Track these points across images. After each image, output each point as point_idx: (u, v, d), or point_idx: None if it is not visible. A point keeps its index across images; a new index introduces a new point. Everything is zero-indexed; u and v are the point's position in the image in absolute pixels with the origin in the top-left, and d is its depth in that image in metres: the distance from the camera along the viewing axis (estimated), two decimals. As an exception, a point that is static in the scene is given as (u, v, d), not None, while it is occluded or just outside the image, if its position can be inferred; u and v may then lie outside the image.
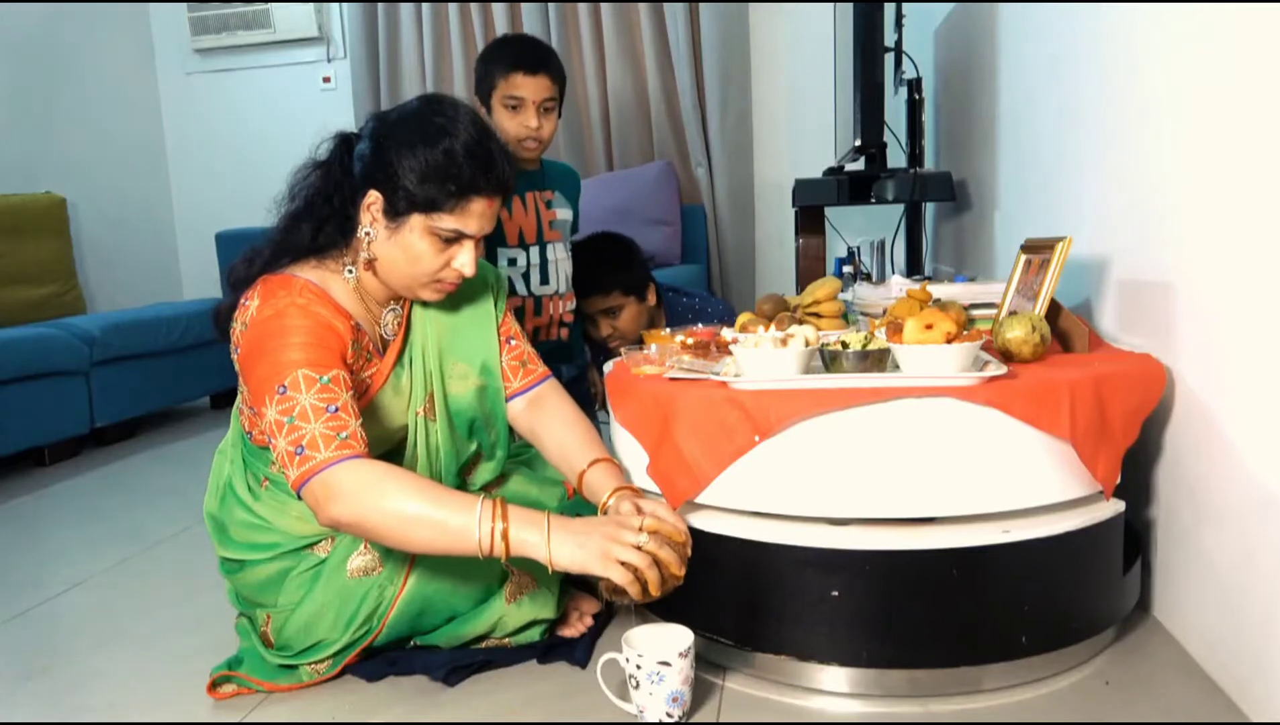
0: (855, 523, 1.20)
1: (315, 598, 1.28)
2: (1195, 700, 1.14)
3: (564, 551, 1.09)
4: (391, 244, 1.25)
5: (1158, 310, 1.32)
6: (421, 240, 1.24)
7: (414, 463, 1.36)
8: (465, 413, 1.40)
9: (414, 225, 1.23)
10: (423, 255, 1.24)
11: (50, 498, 2.45)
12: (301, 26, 4.05)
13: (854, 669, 1.18)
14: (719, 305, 2.37)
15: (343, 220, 1.27)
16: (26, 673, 1.41)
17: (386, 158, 1.22)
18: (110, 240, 4.07)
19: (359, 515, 1.11)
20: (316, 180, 1.29)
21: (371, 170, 1.24)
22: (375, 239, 1.26)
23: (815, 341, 1.25)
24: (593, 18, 3.67)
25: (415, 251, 1.24)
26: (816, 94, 3.44)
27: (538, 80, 1.84)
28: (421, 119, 1.24)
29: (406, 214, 1.22)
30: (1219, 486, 1.18)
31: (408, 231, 1.23)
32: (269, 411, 1.15)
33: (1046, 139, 1.84)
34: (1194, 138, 1.20)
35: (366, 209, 1.25)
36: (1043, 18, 1.83)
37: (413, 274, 1.26)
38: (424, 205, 1.21)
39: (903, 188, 2.40)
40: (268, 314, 1.20)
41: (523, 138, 1.86)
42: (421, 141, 1.21)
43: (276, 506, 1.32)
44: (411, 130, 1.23)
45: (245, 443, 1.37)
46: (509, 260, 1.90)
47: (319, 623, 1.28)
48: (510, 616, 1.31)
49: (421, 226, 1.23)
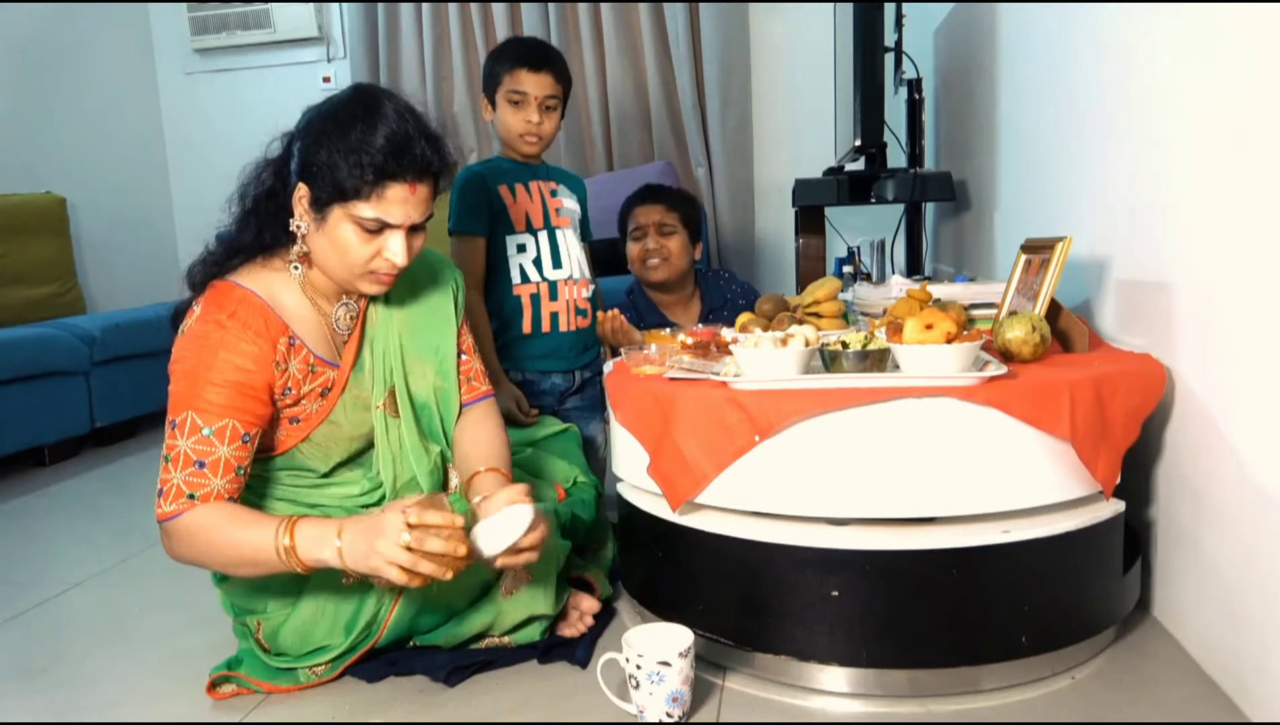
0: (855, 523, 1.20)
1: (305, 605, 1.28)
2: (1195, 700, 1.14)
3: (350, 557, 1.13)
4: (321, 236, 1.24)
5: (1158, 310, 1.32)
6: (346, 231, 1.22)
7: (383, 462, 1.36)
8: (427, 409, 1.40)
9: (337, 216, 1.22)
10: (350, 246, 1.23)
11: (50, 498, 2.45)
12: (301, 26, 4.05)
13: (854, 669, 1.18)
14: (745, 283, 2.47)
15: (287, 217, 1.27)
16: (26, 673, 1.41)
17: (309, 150, 1.22)
18: (110, 240, 4.07)
19: (194, 557, 1.21)
20: (266, 178, 1.29)
21: (300, 164, 1.24)
22: (307, 232, 1.25)
23: (815, 341, 1.26)
24: (593, 18, 3.67)
25: (342, 243, 1.23)
26: (816, 94, 3.44)
27: (541, 77, 1.88)
28: (340, 110, 1.24)
29: (329, 205, 1.22)
30: (1219, 486, 1.18)
31: (333, 223, 1.22)
32: (166, 440, 1.21)
33: (1046, 139, 1.84)
34: (1194, 137, 1.20)
35: (298, 202, 1.25)
36: (1043, 18, 1.83)
37: (345, 265, 1.25)
38: (341, 195, 1.20)
39: (903, 188, 2.40)
40: (197, 332, 1.23)
41: (524, 133, 1.90)
42: (336, 131, 1.21)
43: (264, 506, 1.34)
44: (329, 121, 1.23)
45: None
46: (518, 246, 1.91)
47: (314, 629, 1.28)
48: (508, 612, 1.30)
49: (343, 216, 1.22)
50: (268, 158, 1.30)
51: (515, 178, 1.93)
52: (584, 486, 1.60)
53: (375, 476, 1.38)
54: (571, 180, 2.09)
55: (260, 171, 1.30)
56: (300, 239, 1.26)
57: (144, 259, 4.28)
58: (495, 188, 1.89)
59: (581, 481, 1.61)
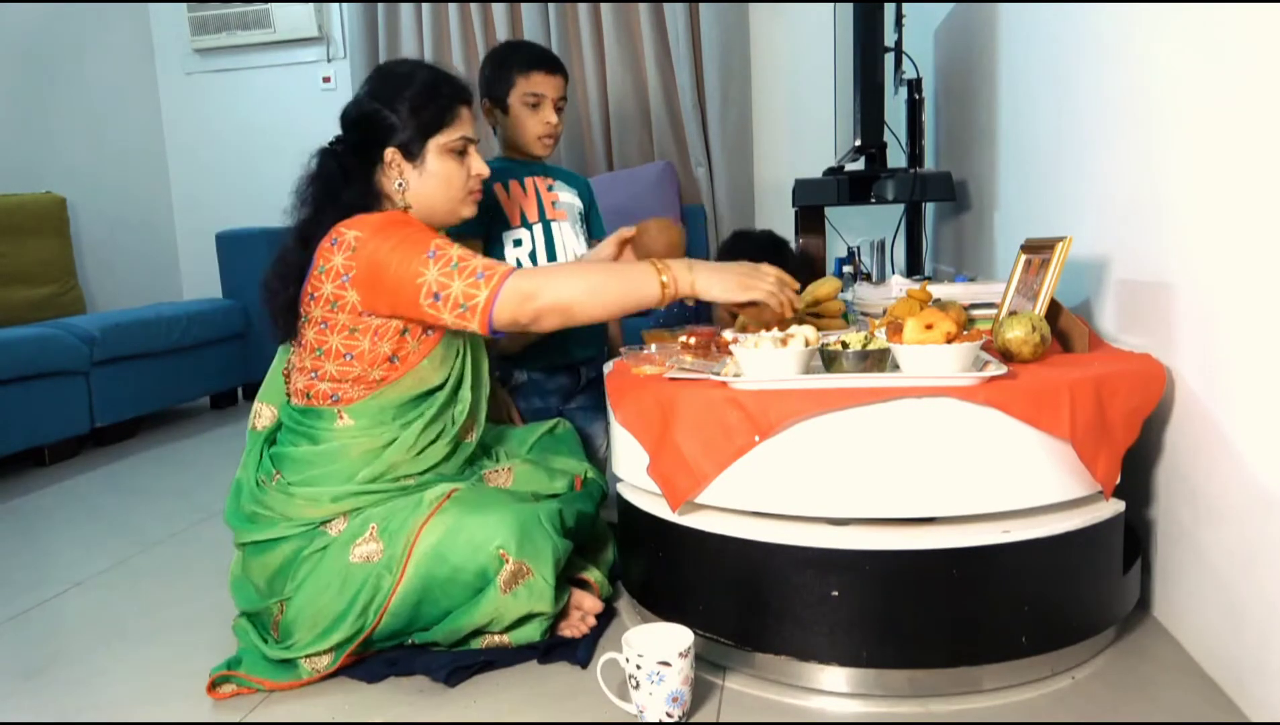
0: (855, 523, 1.20)
1: (320, 576, 1.31)
2: (1195, 700, 1.15)
3: (707, 282, 1.35)
4: (424, 180, 1.45)
5: (1158, 310, 1.32)
6: (444, 162, 1.45)
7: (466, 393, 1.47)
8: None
9: (432, 152, 1.44)
10: (451, 173, 1.46)
11: (50, 498, 2.45)
12: (301, 26, 4.05)
13: (854, 669, 1.18)
14: None
15: (360, 196, 1.42)
16: (26, 673, 1.41)
17: (382, 118, 1.43)
18: (110, 240, 4.07)
19: (557, 295, 1.31)
20: (319, 181, 1.44)
21: (375, 137, 1.44)
22: (408, 185, 1.45)
23: (815, 341, 1.26)
24: (593, 18, 3.67)
25: (444, 173, 1.46)
26: (816, 94, 3.44)
27: (555, 79, 1.93)
28: (387, 77, 1.47)
29: (422, 146, 1.44)
30: (1219, 486, 1.18)
31: (431, 161, 1.45)
32: (429, 273, 1.31)
33: (1046, 139, 1.84)
34: (1194, 137, 1.20)
35: (389, 166, 1.44)
36: (1043, 18, 1.83)
37: (449, 194, 1.47)
38: (429, 131, 1.43)
39: (903, 188, 2.40)
40: (378, 221, 1.36)
41: (543, 135, 1.93)
42: (402, 87, 1.44)
43: (283, 498, 1.37)
44: (388, 88, 1.45)
45: (288, 414, 1.44)
46: (514, 241, 1.92)
47: (322, 599, 1.30)
48: (507, 608, 1.30)
49: (437, 149, 1.44)
50: (311, 171, 1.45)
51: (509, 175, 1.94)
52: (593, 482, 1.63)
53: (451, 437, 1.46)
54: (571, 177, 2.09)
55: (310, 184, 1.44)
56: (401, 195, 1.45)
57: (144, 259, 4.28)
58: (489, 187, 1.90)
59: (591, 477, 1.63)
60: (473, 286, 1.30)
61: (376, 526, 1.33)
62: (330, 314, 1.36)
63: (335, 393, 1.40)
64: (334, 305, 1.36)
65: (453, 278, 1.30)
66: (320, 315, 1.37)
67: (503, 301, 1.29)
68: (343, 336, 1.37)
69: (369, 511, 1.35)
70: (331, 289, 1.35)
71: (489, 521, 1.29)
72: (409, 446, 1.40)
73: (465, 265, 1.31)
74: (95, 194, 3.99)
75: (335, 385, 1.39)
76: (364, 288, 1.34)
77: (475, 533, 1.28)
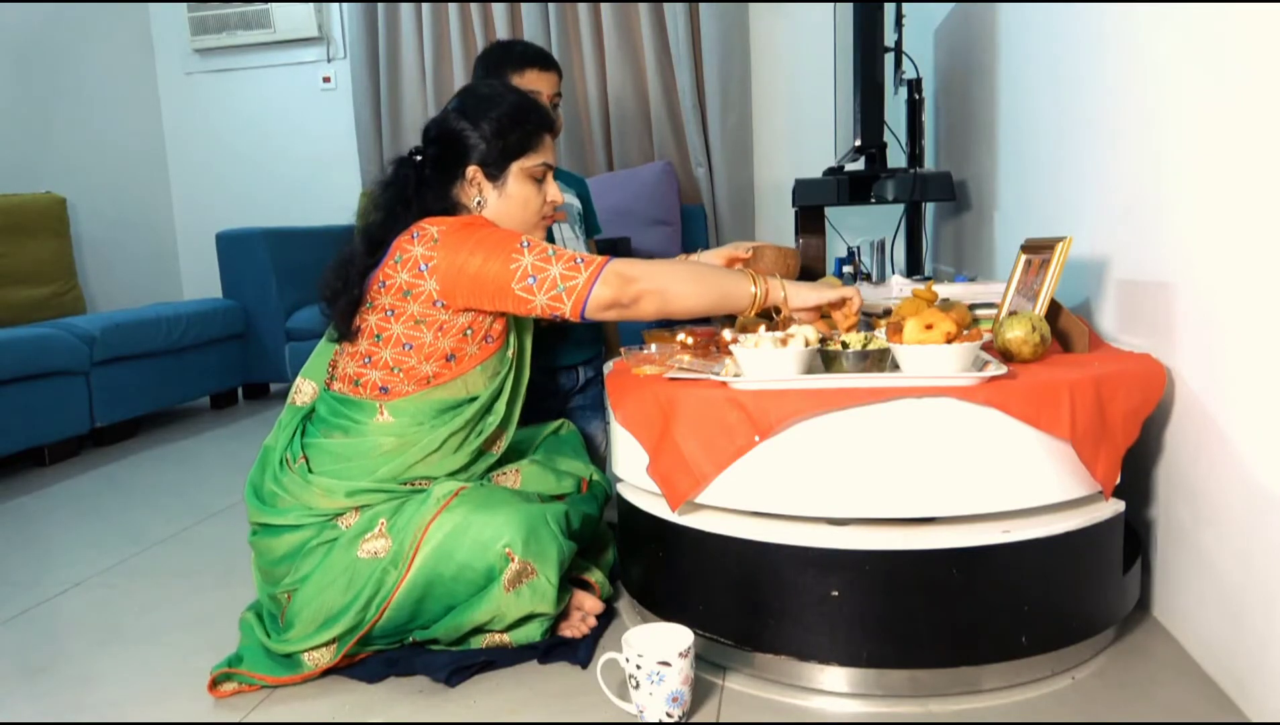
0: (855, 523, 1.20)
1: (327, 568, 1.31)
2: (1195, 700, 1.15)
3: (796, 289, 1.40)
4: (503, 200, 1.48)
5: (1158, 310, 1.32)
6: (524, 185, 1.48)
7: (501, 407, 1.47)
8: None
9: (513, 175, 1.47)
10: (529, 196, 1.49)
11: (50, 498, 2.45)
12: (301, 26, 4.05)
13: (854, 669, 1.18)
14: None
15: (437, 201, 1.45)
16: (26, 673, 1.41)
17: (467, 137, 1.46)
18: (110, 240, 4.07)
19: (658, 281, 1.35)
20: (395, 187, 1.46)
21: (458, 155, 1.46)
22: (486, 203, 1.48)
23: (815, 341, 1.26)
24: (593, 18, 3.67)
25: (522, 196, 1.48)
26: (816, 94, 3.44)
27: (549, 75, 1.93)
28: (476, 98, 1.51)
29: (505, 168, 1.47)
30: (1218, 486, 1.18)
31: (511, 183, 1.47)
32: (525, 258, 1.34)
33: (1046, 139, 1.84)
34: (1194, 137, 1.20)
35: (470, 183, 1.47)
36: (1043, 18, 1.83)
37: (525, 217, 1.49)
38: (514, 154, 1.46)
39: (903, 188, 2.40)
40: (463, 219, 1.40)
41: None
42: (490, 108, 1.47)
43: (301, 483, 1.37)
44: (476, 108, 1.48)
45: (326, 404, 1.44)
46: None
47: (327, 593, 1.30)
48: (509, 607, 1.30)
49: (519, 172, 1.47)
50: (385, 180, 1.48)
51: None
52: (598, 484, 1.63)
53: (474, 447, 1.45)
54: (568, 177, 2.09)
55: (383, 191, 1.47)
56: (478, 212, 1.47)
57: (144, 259, 4.28)
58: None
59: (596, 479, 1.64)
60: (572, 270, 1.34)
61: (385, 522, 1.33)
62: (400, 302, 1.37)
63: (385, 384, 1.39)
64: (406, 293, 1.36)
65: (550, 262, 1.34)
66: (388, 302, 1.37)
67: (603, 282, 1.33)
68: (407, 326, 1.37)
69: (380, 507, 1.36)
70: (407, 277, 1.36)
71: (496, 520, 1.29)
72: (432, 450, 1.40)
73: (562, 253, 1.36)
74: (95, 194, 3.99)
75: (387, 375, 1.39)
76: (445, 277, 1.35)
77: (482, 531, 1.28)
